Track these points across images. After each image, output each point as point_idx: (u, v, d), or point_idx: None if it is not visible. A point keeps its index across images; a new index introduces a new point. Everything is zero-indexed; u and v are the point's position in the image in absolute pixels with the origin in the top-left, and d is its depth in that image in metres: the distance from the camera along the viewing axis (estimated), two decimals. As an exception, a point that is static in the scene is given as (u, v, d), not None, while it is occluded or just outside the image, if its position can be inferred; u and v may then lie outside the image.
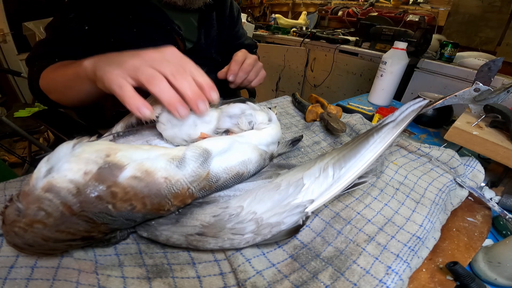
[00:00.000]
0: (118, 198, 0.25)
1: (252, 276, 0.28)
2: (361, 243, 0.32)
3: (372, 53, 1.64)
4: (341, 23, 2.40)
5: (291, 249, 0.31)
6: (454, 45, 1.45)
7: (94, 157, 0.26)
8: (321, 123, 0.61)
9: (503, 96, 0.52)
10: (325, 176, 0.32)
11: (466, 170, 0.47)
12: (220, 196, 0.33)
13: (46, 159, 0.25)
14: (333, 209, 0.37)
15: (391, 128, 0.33)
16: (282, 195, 0.31)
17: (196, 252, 0.31)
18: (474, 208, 0.43)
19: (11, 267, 0.25)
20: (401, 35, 1.52)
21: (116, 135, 0.38)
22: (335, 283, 0.27)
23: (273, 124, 0.43)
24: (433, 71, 1.44)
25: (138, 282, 0.26)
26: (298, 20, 2.45)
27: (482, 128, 0.51)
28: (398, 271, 0.28)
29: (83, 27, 0.58)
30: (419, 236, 0.33)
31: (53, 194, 0.23)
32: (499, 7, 1.58)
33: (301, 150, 0.53)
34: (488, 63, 0.57)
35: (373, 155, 0.32)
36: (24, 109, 1.59)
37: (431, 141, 0.66)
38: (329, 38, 1.84)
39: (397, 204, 0.38)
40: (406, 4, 2.06)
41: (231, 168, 0.33)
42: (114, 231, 0.29)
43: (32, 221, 0.23)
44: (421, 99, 0.34)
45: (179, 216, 0.30)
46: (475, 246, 0.35)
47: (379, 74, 0.85)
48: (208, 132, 0.41)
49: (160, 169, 0.27)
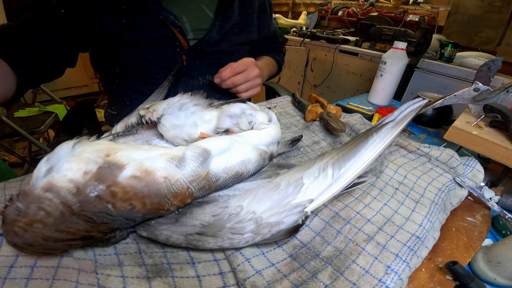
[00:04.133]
0: (117, 198, 0.25)
1: (252, 275, 0.28)
2: (360, 243, 0.32)
3: (372, 53, 1.64)
4: (341, 23, 2.40)
5: (291, 248, 0.31)
6: (454, 45, 1.45)
7: (94, 157, 0.26)
8: (320, 123, 0.61)
9: (503, 96, 0.52)
10: (325, 175, 0.32)
11: (465, 170, 0.47)
12: (219, 196, 0.33)
13: (46, 158, 0.25)
14: (332, 208, 0.37)
15: (390, 128, 0.33)
16: (282, 195, 0.31)
17: (196, 252, 0.31)
18: (473, 208, 0.43)
19: (11, 266, 0.25)
20: (401, 35, 1.52)
21: (116, 135, 0.38)
22: (335, 282, 0.27)
23: (273, 124, 0.43)
24: (433, 71, 1.44)
25: (138, 281, 0.27)
26: (298, 20, 2.45)
27: (481, 128, 0.51)
28: (398, 271, 0.28)
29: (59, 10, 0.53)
30: (418, 236, 0.33)
31: (53, 194, 0.23)
32: (499, 7, 1.58)
33: (301, 150, 0.53)
34: (488, 63, 0.57)
35: (372, 154, 0.32)
36: (24, 109, 1.59)
37: (430, 141, 0.66)
38: (329, 38, 1.84)
39: (396, 204, 0.39)
40: (406, 4, 2.06)
41: (230, 167, 0.33)
42: (113, 231, 0.29)
43: (32, 221, 0.23)
44: (420, 99, 0.34)
45: (179, 216, 0.30)
46: (474, 246, 0.35)
47: (379, 74, 0.85)
48: (208, 132, 0.41)
49: (160, 168, 0.28)
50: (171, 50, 0.62)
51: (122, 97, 0.68)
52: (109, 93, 0.73)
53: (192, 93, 0.43)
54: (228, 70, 0.61)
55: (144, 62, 0.62)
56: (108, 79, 0.69)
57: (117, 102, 0.70)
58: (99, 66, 0.69)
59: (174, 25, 0.58)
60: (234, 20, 0.66)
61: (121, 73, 0.64)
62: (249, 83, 0.64)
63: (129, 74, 0.64)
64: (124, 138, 0.38)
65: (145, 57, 0.61)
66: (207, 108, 0.44)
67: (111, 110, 0.72)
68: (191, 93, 0.43)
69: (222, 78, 0.62)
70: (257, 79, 0.66)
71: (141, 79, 0.64)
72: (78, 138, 0.28)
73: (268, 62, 0.82)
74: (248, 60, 0.64)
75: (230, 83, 0.62)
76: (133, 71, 0.63)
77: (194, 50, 0.64)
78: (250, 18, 0.72)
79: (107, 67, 0.66)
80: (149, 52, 0.61)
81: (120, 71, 0.64)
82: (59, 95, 2.20)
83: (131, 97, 0.66)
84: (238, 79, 0.62)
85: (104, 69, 0.68)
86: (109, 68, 0.65)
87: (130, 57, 0.61)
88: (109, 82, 0.70)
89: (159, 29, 0.58)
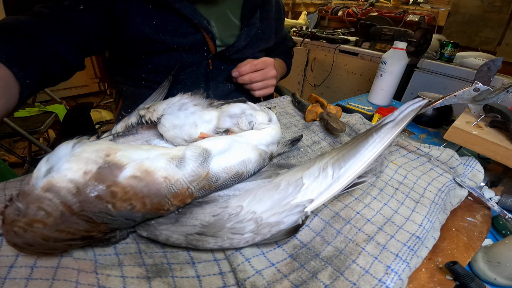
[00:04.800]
0: (117, 198, 0.25)
1: (252, 275, 0.28)
2: (360, 243, 0.32)
3: (372, 53, 1.64)
4: (341, 23, 2.40)
5: (291, 248, 0.31)
6: (454, 45, 1.45)
7: (94, 157, 0.26)
8: (320, 123, 0.61)
9: (503, 96, 0.52)
10: (325, 175, 0.32)
11: (465, 170, 0.47)
12: (219, 196, 0.33)
13: (46, 158, 0.25)
14: (332, 208, 0.37)
15: (390, 128, 0.33)
16: (282, 195, 0.31)
17: (196, 252, 0.31)
18: (473, 208, 0.43)
19: (10, 266, 0.25)
20: (401, 35, 1.52)
21: (116, 135, 0.38)
22: (335, 282, 0.27)
23: (273, 124, 0.43)
24: (433, 71, 1.44)
25: (138, 281, 0.27)
26: (298, 20, 2.45)
27: (481, 128, 0.51)
28: (398, 271, 0.28)
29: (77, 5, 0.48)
30: (418, 236, 0.33)
31: (53, 194, 0.23)
32: (499, 7, 1.58)
33: (301, 150, 0.53)
34: (488, 63, 0.57)
35: (372, 154, 0.32)
36: (24, 109, 1.59)
37: (430, 141, 0.66)
38: (329, 38, 1.84)
39: (396, 204, 0.39)
40: (406, 4, 2.06)
41: (230, 167, 0.33)
42: (113, 231, 0.29)
43: (32, 221, 0.23)
44: (420, 99, 0.34)
45: (179, 216, 0.30)
46: (474, 246, 0.35)
47: (379, 74, 0.85)
48: (208, 132, 0.41)
49: (160, 168, 0.28)
50: (198, 55, 0.62)
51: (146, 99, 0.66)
52: (128, 95, 0.69)
53: (192, 93, 0.43)
54: (248, 66, 0.62)
55: (172, 67, 0.60)
56: (129, 82, 0.66)
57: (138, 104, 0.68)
58: (119, 69, 0.66)
59: (206, 30, 0.58)
60: (256, 27, 0.67)
61: (148, 78, 0.63)
62: (265, 82, 0.65)
63: (158, 79, 0.61)
64: (124, 138, 0.38)
65: (173, 62, 0.60)
66: (207, 108, 0.44)
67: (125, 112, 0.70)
68: (191, 93, 0.43)
69: (240, 72, 0.62)
70: (273, 80, 0.67)
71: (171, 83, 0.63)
72: (78, 138, 0.28)
73: (281, 64, 0.83)
74: (268, 59, 0.64)
75: (248, 79, 0.63)
76: (160, 76, 0.60)
77: (221, 56, 0.64)
78: (269, 24, 0.72)
79: (131, 71, 0.64)
80: (178, 57, 0.60)
81: (147, 76, 0.62)
82: (59, 95, 2.20)
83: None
84: (256, 76, 0.63)
85: (126, 72, 0.65)
86: (133, 72, 0.63)
87: (159, 62, 0.60)
88: (129, 84, 0.67)
89: (192, 33, 0.58)
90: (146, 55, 0.59)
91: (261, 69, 0.63)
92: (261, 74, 0.63)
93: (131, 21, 0.53)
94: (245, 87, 0.66)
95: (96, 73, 2.87)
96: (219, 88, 0.67)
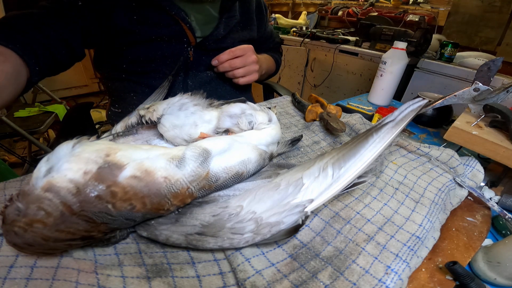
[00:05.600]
0: (117, 198, 0.25)
1: (252, 275, 0.28)
2: (360, 243, 0.32)
3: (372, 53, 1.64)
4: (341, 23, 2.40)
5: (291, 248, 0.31)
6: (454, 45, 1.45)
7: (94, 157, 0.26)
8: (320, 123, 0.61)
9: (503, 96, 0.52)
10: (325, 175, 0.32)
11: (465, 170, 0.47)
12: (219, 196, 0.33)
13: (46, 158, 0.25)
14: (332, 208, 0.37)
15: (390, 128, 0.33)
16: (282, 195, 0.31)
17: (196, 252, 0.31)
18: (473, 208, 0.43)
19: (10, 266, 0.25)
20: (401, 35, 1.52)
21: (116, 135, 0.38)
22: (335, 282, 0.27)
23: (273, 124, 0.43)
24: (433, 71, 1.44)
25: (138, 281, 0.27)
26: (298, 20, 2.45)
27: (481, 128, 0.51)
28: (398, 271, 0.28)
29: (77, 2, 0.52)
30: (418, 236, 0.33)
31: (53, 194, 0.23)
32: (499, 7, 1.58)
33: (301, 150, 0.53)
34: (488, 63, 0.57)
35: (372, 155, 0.32)
36: (24, 109, 1.59)
37: (430, 141, 0.66)
38: (329, 38, 1.84)
39: (396, 204, 0.39)
40: (406, 4, 2.06)
41: (230, 167, 0.33)
42: (113, 231, 0.29)
43: (32, 221, 0.23)
44: (420, 99, 0.34)
45: (179, 216, 0.30)
46: (474, 246, 0.35)
47: (379, 74, 0.85)
48: (208, 132, 0.41)
49: (160, 168, 0.28)
50: (179, 46, 0.63)
51: (129, 92, 0.68)
52: (113, 90, 0.72)
53: (192, 93, 0.43)
54: (226, 53, 0.63)
55: (152, 58, 0.63)
56: (113, 75, 0.69)
57: (122, 98, 0.70)
58: (104, 62, 0.69)
59: (184, 21, 0.60)
60: (236, 19, 0.69)
61: (128, 69, 0.65)
62: (247, 68, 0.66)
63: (137, 69, 0.64)
64: (124, 138, 0.38)
65: (153, 52, 0.62)
66: (207, 108, 0.44)
67: (114, 108, 0.72)
68: (191, 93, 0.43)
69: (219, 60, 0.63)
70: (255, 65, 0.67)
71: (150, 73, 0.65)
72: (78, 138, 0.28)
73: (267, 57, 0.84)
74: (246, 46, 0.65)
75: (228, 66, 0.64)
76: (141, 66, 0.64)
77: (201, 46, 0.65)
78: (250, 18, 0.75)
79: (113, 63, 0.66)
80: (158, 48, 0.62)
81: (127, 67, 0.65)
82: (59, 95, 2.20)
83: (138, 91, 0.67)
84: (236, 62, 0.64)
85: (109, 65, 0.68)
86: (115, 64, 0.66)
87: (139, 53, 0.62)
88: (113, 78, 0.69)
89: (170, 25, 0.60)
90: (127, 46, 0.61)
91: (240, 55, 0.64)
92: (241, 60, 0.64)
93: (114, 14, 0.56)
94: (227, 75, 0.67)
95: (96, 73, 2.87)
96: (198, 76, 0.69)
